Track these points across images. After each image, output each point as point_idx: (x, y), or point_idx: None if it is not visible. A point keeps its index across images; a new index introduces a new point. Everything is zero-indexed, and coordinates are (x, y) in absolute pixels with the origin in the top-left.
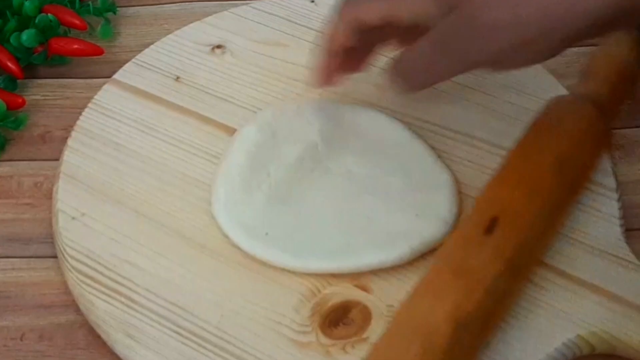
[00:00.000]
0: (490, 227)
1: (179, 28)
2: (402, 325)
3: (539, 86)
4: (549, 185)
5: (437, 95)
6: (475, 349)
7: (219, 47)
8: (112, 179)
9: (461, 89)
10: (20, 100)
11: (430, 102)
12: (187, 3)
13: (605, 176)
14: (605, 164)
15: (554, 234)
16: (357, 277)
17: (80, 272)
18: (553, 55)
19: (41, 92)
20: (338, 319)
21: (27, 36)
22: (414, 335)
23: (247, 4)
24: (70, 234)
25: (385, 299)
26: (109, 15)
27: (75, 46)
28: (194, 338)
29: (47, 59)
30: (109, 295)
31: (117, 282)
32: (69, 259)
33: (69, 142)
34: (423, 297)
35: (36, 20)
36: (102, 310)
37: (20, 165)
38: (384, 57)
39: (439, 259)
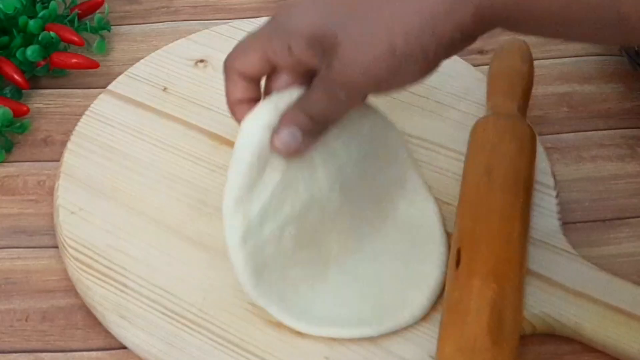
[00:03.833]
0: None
1: (166, 44)
2: None
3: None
4: (504, 204)
5: (394, 104)
6: None
7: (201, 61)
8: (106, 178)
9: (417, 99)
10: (25, 108)
11: (391, 111)
12: (173, 22)
13: (544, 176)
14: (545, 165)
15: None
16: None
17: (78, 260)
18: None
19: (44, 101)
20: None
21: (31, 51)
22: None
23: (226, 23)
24: (70, 226)
25: None
26: (104, 32)
27: (74, 60)
28: (180, 319)
29: (49, 71)
30: (104, 281)
31: (111, 269)
32: (69, 249)
33: (69, 145)
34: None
35: (39, 37)
36: (98, 295)
37: (25, 166)
38: None
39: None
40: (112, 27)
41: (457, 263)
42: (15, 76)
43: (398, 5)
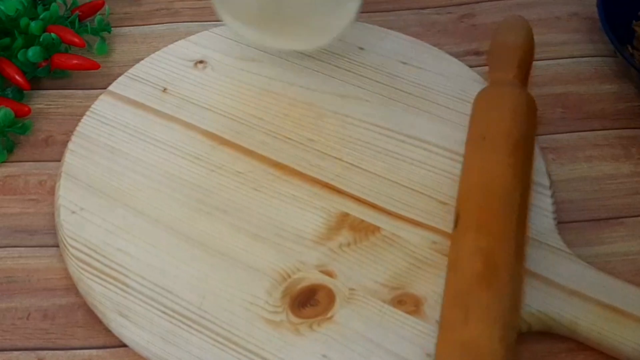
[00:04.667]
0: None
1: (165, 45)
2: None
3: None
4: (494, 163)
5: (390, 104)
6: None
7: (201, 62)
8: (107, 178)
9: (413, 100)
10: (26, 109)
11: (387, 111)
12: (173, 24)
13: (540, 175)
14: (540, 165)
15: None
16: (323, 264)
17: (79, 259)
18: None
19: (45, 101)
20: (306, 301)
21: (32, 53)
22: None
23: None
24: (71, 226)
25: (347, 283)
26: (105, 34)
27: (75, 61)
28: (179, 317)
29: (50, 72)
30: (104, 280)
31: (111, 268)
32: (69, 248)
33: (70, 145)
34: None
35: (41, 39)
36: (99, 293)
37: (26, 166)
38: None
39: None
40: (112, 28)
41: (456, 225)
42: (17, 77)
43: None
